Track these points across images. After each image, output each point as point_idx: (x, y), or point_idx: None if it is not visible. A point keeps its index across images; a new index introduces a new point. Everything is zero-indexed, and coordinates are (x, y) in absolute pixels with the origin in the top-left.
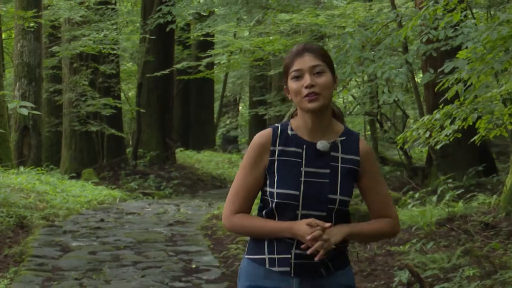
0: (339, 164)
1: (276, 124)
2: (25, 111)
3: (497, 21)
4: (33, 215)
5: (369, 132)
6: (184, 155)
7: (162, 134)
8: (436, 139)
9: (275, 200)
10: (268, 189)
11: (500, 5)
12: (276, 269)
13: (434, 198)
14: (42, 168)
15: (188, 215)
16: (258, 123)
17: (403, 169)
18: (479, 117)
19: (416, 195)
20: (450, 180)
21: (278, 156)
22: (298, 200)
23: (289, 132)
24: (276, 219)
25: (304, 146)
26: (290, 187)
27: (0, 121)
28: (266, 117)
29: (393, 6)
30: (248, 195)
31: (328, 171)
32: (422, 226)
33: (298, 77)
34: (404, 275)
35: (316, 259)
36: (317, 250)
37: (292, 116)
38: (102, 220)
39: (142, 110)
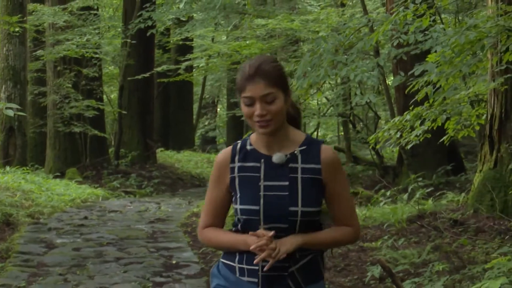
0: (299, 175)
1: (238, 141)
2: (10, 113)
3: (465, 26)
4: (18, 213)
5: (342, 133)
6: (164, 155)
7: (143, 135)
8: (406, 139)
9: (240, 216)
10: (234, 205)
11: (467, 10)
12: (245, 279)
13: (405, 196)
14: (27, 168)
15: (168, 213)
16: (235, 124)
17: (375, 168)
18: (447, 118)
19: (388, 193)
20: (420, 179)
21: (238, 172)
22: (258, 215)
23: (248, 147)
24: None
25: (262, 160)
26: (250, 202)
27: None
28: (243, 118)
29: (365, 11)
30: (215, 211)
31: (287, 183)
32: (393, 223)
33: (249, 104)
34: (377, 270)
35: (265, 269)
36: (266, 260)
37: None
38: (85, 217)
39: (123, 112)
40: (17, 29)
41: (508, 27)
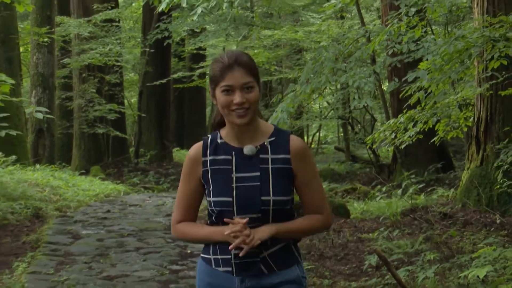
0: (270, 165)
1: (208, 135)
2: (40, 116)
3: (454, 37)
4: (47, 207)
5: (342, 134)
6: (179, 154)
7: (160, 136)
8: (400, 140)
9: (213, 208)
10: (207, 198)
11: (456, 22)
12: (221, 269)
13: (399, 191)
14: (55, 166)
15: None
16: None
17: (371, 166)
18: (438, 121)
19: (383, 189)
20: (412, 176)
21: (210, 165)
22: (232, 206)
23: (219, 140)
24: (218, 224)
25: (233, 153)
26: (223, 194)
27: (18, 124)
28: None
29: (362, 23)
30: (188, 205)
31: (258, 173)
32: (388, 216)
33: (228, 91)
34: (373, 259)
35: (240, 254)
36: (240, 246)
37: (214, 119)
38: (108, 211)
39: (142, 115)
40: (45, 40)
41: (493, 37)
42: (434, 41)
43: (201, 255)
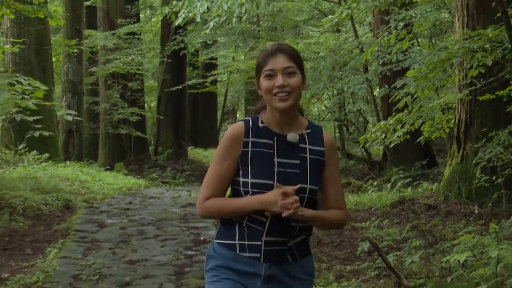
0: (308, 155)
1: (246, 118)
2: (70, 118)
3: (437, 48)
4: (76, 199)
5: (338, 134)
6: (194, 152)
7: (177, 136)
8: (390, 140)
9: (249, 190)
10: (241, 179)
11: (439, 35)
12: (247, 254)
13: (389, 185)
14: (83, 162)
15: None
16: None
17: (364, 163)
18: (423, 123)
19: (375, 183)
20: (400, 172)
21: (251, 147)
22: (272, 189)
23: (260, 125)
24: None
25: (275, 138)
26: (264, 177)
27: (51, 126)
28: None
29: (356, 36)
30: (221, 183)
31: (298, 161)
32: (379, 207)
33: (270, 76)
34: (366, 245)
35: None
36: (271, 236)
37: (260, 110)
38: (130, 202)
39: (161, 117)
40: (75, 51)
41: (472, 48)
42: (420, 52)
43: (220, 241)
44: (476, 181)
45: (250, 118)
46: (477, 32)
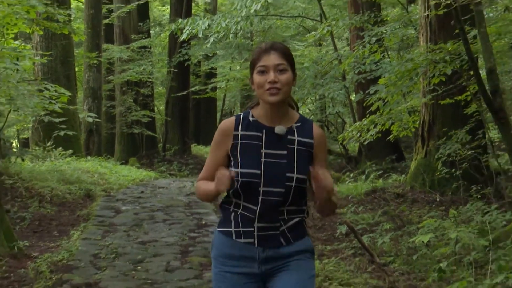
0: (295, 146)
1: (239, 113)
2: (90, 119)
3: (405, 59)
4: (96, 189)
5: None
6: (196, 149)
7: (182, 135)
8: (364, 138)
9: (240, 179)
10: (233, 169)
11: (406, 48)
12: (242, 240)
13: (363, 177)
14: (102, 157)
15: None
16: None
17: (342, 157)
18: (392, 123)
19: (351, 175)
20: (373, 165)
21: (241, 139)
22: (259, 178)
23: (250, 118)
24: (242, 196)
25: (264, 131)
26: (252, 167)
27: (74, 126)
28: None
29: (335, 49)
30: (213, 170)
31: (285, 152)
32: (355, 195)
33: (263, 72)
34: (343, 228)
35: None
36: (262, 222)
37: (253, 107)
38: (142, 192)
39: (168, 119)
40: (95, 62)
41: (435, 60)
42: (390, 63)
43: (219, 228)
44: (438, 173)
45: (242, 113)
46: (438, 46)
